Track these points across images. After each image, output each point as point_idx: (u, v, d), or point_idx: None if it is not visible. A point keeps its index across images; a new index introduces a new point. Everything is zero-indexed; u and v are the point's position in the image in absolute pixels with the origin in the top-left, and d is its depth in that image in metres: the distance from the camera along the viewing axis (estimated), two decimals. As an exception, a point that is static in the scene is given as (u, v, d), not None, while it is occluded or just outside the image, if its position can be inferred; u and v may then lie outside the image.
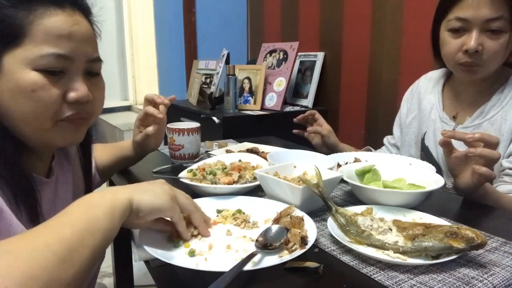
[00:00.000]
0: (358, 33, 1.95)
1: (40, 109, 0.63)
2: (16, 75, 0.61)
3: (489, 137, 0.80)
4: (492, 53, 0.96)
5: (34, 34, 0.61)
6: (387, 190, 0.80)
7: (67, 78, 0.65)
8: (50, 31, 0.62)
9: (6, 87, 0.61)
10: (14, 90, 0.61)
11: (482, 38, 0.95)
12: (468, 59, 0.98)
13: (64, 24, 0.63)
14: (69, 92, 0.65)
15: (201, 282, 0.51)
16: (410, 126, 1.22)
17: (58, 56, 0.62)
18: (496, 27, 0.94)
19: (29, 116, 0.63)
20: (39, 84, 0.62)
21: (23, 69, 0.61)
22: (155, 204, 0.60)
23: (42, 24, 0.61)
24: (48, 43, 0.62)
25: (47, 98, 0.63)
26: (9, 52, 0.61)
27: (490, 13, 0.93)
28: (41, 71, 0.62)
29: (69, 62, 0.64)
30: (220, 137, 1.84)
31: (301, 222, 0.67)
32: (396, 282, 0.55)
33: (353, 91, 2.02)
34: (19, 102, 0.62)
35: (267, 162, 1.00)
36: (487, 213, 0.85)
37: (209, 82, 2.48)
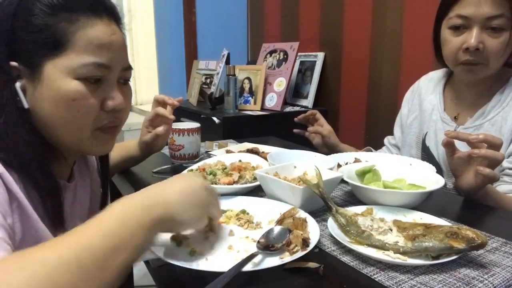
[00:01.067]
0: (358, 33, 1.95)
1: (80, 117, 0.64)
2: (57, 83, 0.61)
3: (493, 138, 0.80)
4: (493, 51, 0.96)
5: (76, 43, 0.62)
6: (388, 191, 0.80)
7: (105, 87, 0.66)
8: (91, 41, 0.63)
9: (47, 95, 0.62)
10: (55, 98, 0.62)
11: (483, 36, 0.95)
12: (469, 58, 0.98)
13: (104, 34, 0.64)
14: (107, 101, 0.66)
15: (201, 282, 0.50)
16: (411, 126, 1.22)
17: (98, 65, 0.63)
18: (496, 24, 0.93)
19: (68, 124, 0.64)
20: (80, 93, 0.62)
21: (65, 77, 0.62)
22: (186, 223, 0.57)
23: (84, 34, 0.62)
24: (90, 53, 0.62)
25: (87, 107, 0.64)
26: (50, 60, 0.61)
27: (491, 11, 0.93)
28: (82, 80, 0.63)
29: (107, 70, 0.65)
30: (220, 137, 1.84)
31: (304, 224, 0.67)
32: (396, 283, 0.55)
33: (353, 91, 2.02)
34: (59, 110, 0.62)
35: (267, 162, 1.00)
36: (488, 213, 0.85)
37: (209, 82, 2.48)
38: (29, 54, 0.61)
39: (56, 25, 0.61)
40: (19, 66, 0.61)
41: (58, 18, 0.61)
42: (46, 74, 0.61)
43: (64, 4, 0.62)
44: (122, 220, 0.48)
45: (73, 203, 0.75)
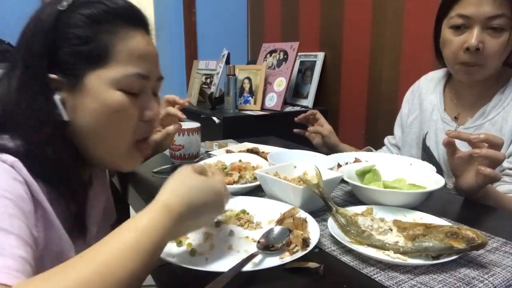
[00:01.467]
0: (358, 33, 1.94)
1: (121, 128, 0.64)
2: (101, 95, 0.61)
3: (494, 138, 0.80)
4: (492, 51, 0.95)
5: (118, 55, 0.62)
6: (388, 190, 0.80)
7: (143, 97, 0.67)
8: (132, 52, 0.63)
9: (90, 106, 0.62)
10: (98, 109, 0.62)
11: (483, 35, 0.95)
12: (469, 58, 0.97)
13: (143, 45, 0.65)
14: (146, 111, 0.67)
15: (201, 282, 0.50)
16: (411, 126, 1.22)
17: (140, 75, 0.64)
18: (497, 24, 0.93)
19: (108, 135, 0.64)
20: (123, 104, 0.63)
21: (108, 89, 0.62)
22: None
23: (125, 45, 0.63)
24: (131, 64, 0.63)
25: (128, 118, 0.65)
26: (93, 72, 0.61)
27: (492, 10, 0.93)
28: (124, 91, 0.63)
29: (146, 81, 0.66)
30: (220, 137, 1.84)
31: (304, 224, 0.67)
32: (396, 283, 0.55)
33: (353, 91, 2.02)
34: (102, 121, 0.63)
35: (267, 162, 1.00)
36: (488, 213, 0.85)
37: (209, 82, 2.48)
38: (71, 66, 0.61)
39: (98, 37, 0.61)
40: (58, 78, 0.61)
41: (99, 30, 0.61)
42: (88, 86, 0.61)
43: (104, 16, 0.62)
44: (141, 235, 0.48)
45: (89, 207, 0.74)
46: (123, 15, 0.64)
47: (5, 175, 0.52)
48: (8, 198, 0.50)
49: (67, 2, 0.62)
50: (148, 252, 0.47)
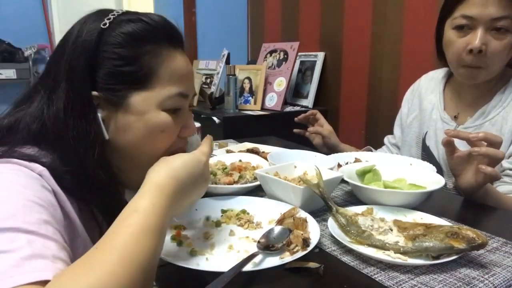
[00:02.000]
0: (358, 33, 1.94)
1: (162, 148, 0.64)
2: (146, 115, 0.61)
3: (493, 136, 0.80)
4: (495, 53, 0.95)
5: (162, 76, 0.62)
6: (388, 190, 0.80)
7: (181, 115, 0.67)
8: (175, 73, 0.63)
9: (134, 126, 0.61)
10: (142, 130, 0.62)
11: (487, 37, 0.94)
12: (472, 61, 0.96)
13: (183, 65, 0.66)
14: (184, 129, 0.68)
15: (202, 282, 0.50)
16: (411, 126, 1.22)
17: (181, 95, 0.64)
18: (502, 26, 0.92)
19: (146, 152, 0.63)
20: (168, 124, 0.63)
21: (154, 109, 0.62)
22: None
23: (168, 67, 0.63)
24: (174, 84, 0.63)
25: (171, 137, 0.65)
26: (137, 92, 0.61)
27: (496, 12, 0.92)
28: (167, 111, 0.63)
29: (185, 99, 0.66)
30: (220, 137, 1.84)
31: (304, 224, 0.67)
32: (396, 283, 0.55)
33: (354, 91, 2.02)
34: (145, 141, 0.62)
35: (267, 162, 1.00)
36: (488, 213, 0.85)
37: (209, 82, 2.48)
38: (114, 86, 0.60)
39: (142, 58, 0.61)
40: (100, 95, 0.60)
41: (143, 51, 0.61)
42: (133, 106, 0.61)
43: (147, 36, 0.62)
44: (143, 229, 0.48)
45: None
46: (163, 33, 0.64)
47: (35, 182, 0.52)
48: (41, 205, 0.50)
49: (108, 19, 0.61)
50: (157, 229, 0.49)
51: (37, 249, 0.45)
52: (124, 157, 0.63)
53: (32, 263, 0.43)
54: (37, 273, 0.42)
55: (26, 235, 0.45)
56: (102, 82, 0.60)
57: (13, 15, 2.74)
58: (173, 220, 0.70)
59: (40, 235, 0.46)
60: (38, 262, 0.43)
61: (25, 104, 0.62)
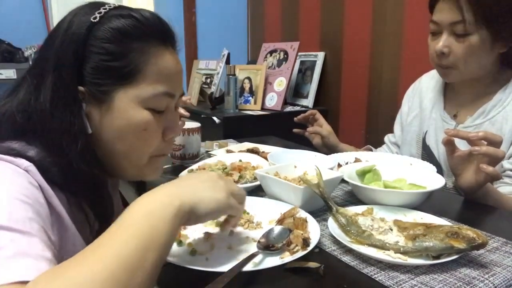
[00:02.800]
0: (358, 33, 1.94)
1: (146, 146, 0.64)
2: (128, 113, 0.61)
3: (493, 135, 0.80)
4: (459, 55, 0.98)
5: (148, 73, 0.62)
6: (388, 190, 0.80)
7: (166, 115, 0.66)
8: (162, 71, 0.63)
9: (116, 123, 0.61)
10: (124, 126, 0.62)
11: (450, 40, 0.99)
12: (439, 61, 1.02)
13: (172, 64, 0.65)
14: (168, 130, 0.67)
15: (202, 282, 0.50)
16: (411, 125, 1.22)
17: (167, 94, 0.64)
18: (459, 30, 0.96)
19: (131, 152, 0.64)
20: (150, 123, 0.63)
21: (136, 107, 0.62)
22: (212, 209, 0.55)
23: (155, 65, 0.62)
24: (160, 82, 0.63)
25: (153, 137, 0.65)
26: (122, 89, 0.61)
27: (451, 17, 0.96)
28: (151, 110, 0.63)
29: (171, 99, 0.66)
30: (220, 137, 1.84)
31: (305, 224, 0.67)
32: (397, 282, 0.55)
33: (354, 91, 2.02)
34: (127, 138, 0.62)
35: (267, 162, 1.00)
36: (488, 213, 0.85)
37: (209, 82, 2.48)
38: (99, 81, 0.60)
39: (129, 54, 0.61)
40: (85, 90, 0.60)
41: (131, 47, 0.61)
42: (116, 102, 0.61)
43: (136, 33, 0.62)
44: (145, 221, 0.47)
45: None
46: (155, 33, 0.64)
47: (21, 179, 0.52)
48: (26, 202, 0.50)
49: (99, 14, 0.61)
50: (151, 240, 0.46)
51: (21, 247, 0.44)
52: (111, 152, 0.64)
53: (16, 261, 0.43)
54: (19, 272, 0.41)
55: (10, 233, 0.45)
56: (88, 76, 0.60)
57: (13, 15, 2.74)
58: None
59: (24, 233, 0.46)
60: (22, 261, 0.43)
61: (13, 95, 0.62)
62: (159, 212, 0.48)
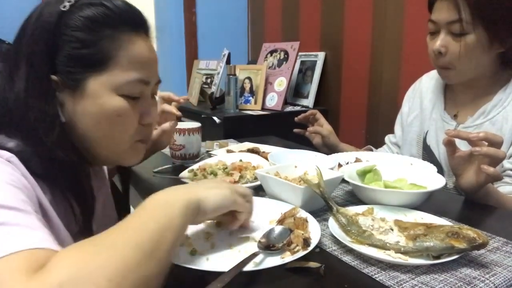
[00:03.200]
0: (359, 33, 1.94)
1: (121, 133, 0.65)
2: (102, 99, 0.62)
3: (494, 136, 0.80)
4: (455, 55, 0.98)
5: (120, 60, 0.62)
6: (388, 190, 0.80)
7: (142, 102, 0.67)
8: (134, 58, 0.64)
9: (90, 110, 0.62)
10: (98, 114, 0.62)
11: (447, 40, 0.99)
12: (437, 61, 1.03)
13: (144, 51, 0.66)
14: (145, 116, 0.68)
15: (202, 282, 0.50)
16: (412, 125, 1.22)
17: (140, 81, 0.65)
18: (456, 29, 0.97)
19: (108, 139, 0.65)
20: (124, 109, 0.63)
21: (109, 94, 0.62)
22: (218, 203, 0.59)
23: (127, 51, 0.63)
24: (133, 69, 0.63)
25: (128, 122, 0.65)
26: (94, 76, 0.61)
27: (448, 16, 0.97)
28: (125, 96, 0.63)
29: (146, 86, 0.66)
30: (221, 137, 1.84)
31: (305, 224, 0.67)
32: (397, 282, 0.55)
33: (354, 91, 2.02)
34: (101, 126, 0.63)
35: (268, 162, 1.00)
36: (489, 213, 0.85)
37: (209, 82, 2.48)
38: (71, 69, 0.61)
39: (100, 42, 0.61)
40: (58, 79, 0.61)
41: (102, 35, 0.61)
42: (89, 90, 0.61)
43: (106, 19, 0.62)
44: (164, 207, 0.51)
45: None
46: (125, 19, 0.64)
47: (5, 168, 0.53)
48: (16, 187, 0.51)
49: (69, 2, 0.61)
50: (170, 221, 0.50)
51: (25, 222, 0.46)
52: (88, 139, 0.64)
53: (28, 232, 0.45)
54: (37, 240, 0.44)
55: (11, 211, 0.46)
56: (61, 65, 0.61)
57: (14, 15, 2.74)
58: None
59: (23, 211, 0.47)
60: (33, 233, 0.45)
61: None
62: (174, 201, 0.53)
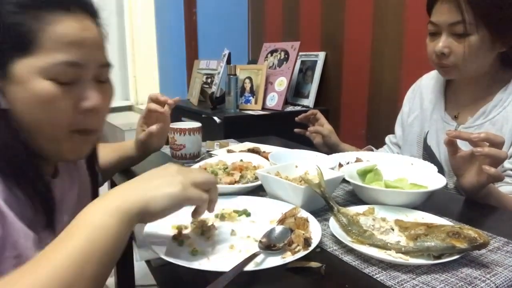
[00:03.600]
0: (359, 32, 1.94)
1: (55, 119, 0.61)
2: (29, 84, 0.59)
3: (495, 136, 0.80)
4: (459, 55, 0.98)
5: (45, 42, 0.59)
6: (389, 190, 0.80)
7: (79, 87, 0.62)
8: (61, 38, 0.59)
9: (19, 96, 0.59)
10: (27, 99, 0.59)
11: (450, 41, 0.99)
12: (439, 60, 1.03)
13: (74, 30, 0.60)
14: (82, 101, 0.63)
15: (203, 282, 0.50)
16: (412, 125, 1.22)
17: (70, 64, 0.60)
18: (458, 30, 0.97)
19: (43, 125, 0.61)
20: (52, 94, 0.60)
21: (36, 78, 0.59)
22: (166, 206, 0.54)
23: (52, 31, 0.59)
24: (60, 51, 0.59)
25: (61, 108, 0.61)
26: (20, 60, 0.59)
27: (451, 18, 0.97)
28: (54, 80, 0.60)
29: (81, 69, 0.62)
30: (221, 137, 1.84)
31: (306, 223, 0.67)
32: (398, 282, 0.55)
33: (354, 91, 2.02)
34: (33, 111, 0.60)
35: (268, 162, 1.00)
36: (490, 213, 0.85)
37: (210, 82, 2.48)
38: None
39: (23, 23, 0.58)
40: None
41: (26, 16, 0.58)
42: (17, 75, 0.58)
43: (31, 1, 0.59)
44: (86, 234, 0.48)
45: (61, 199, 0.72)
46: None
47: None
48: None
49: None
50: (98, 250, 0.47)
51: None
52: (28, 129, 0.61)
53: None
54: None
55: None
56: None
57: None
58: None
59: None
60: None
61: None
62: (103, 222, 0.49)
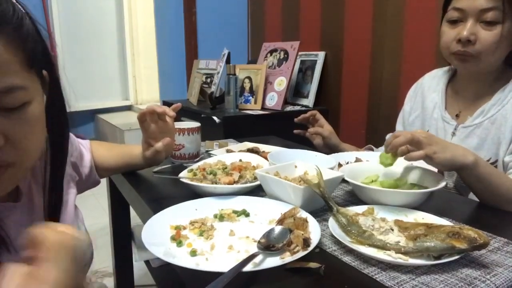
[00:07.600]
0: (359, 32, 1.94)
1: None
2: None
3: None
4: (486, 43, 0.96)
5: None
6: (389, 190, 0.79)
7: None
8: None
9: None
10: None
11: (477, 28, 0.97)
12: (460, 48, 0.99)
13: None
14: None
15: (201, 283, 0.50)
16: (413, 124, 1.22)
17: None
18: (490, 17, 0.95)
19: None
20: None
21: None
22: None
23: None
24: None
25: None
26: None
27: (485, 3, 0.95)
28: None
29: None
30: (220, 136, 1.84)
31: (305, 224, 0.67)
32: (398, 283, 0.55)
33: (354, 91, 2.02)
34: None
35: (267, 162, 1.00)
36: (490, 213, 0.85)
37: (209, 82, 2.48)
38: None
39: None
40: None
41: None
42: None
43: None
44: None
45: (26, 222, 0.65)
46: None
47: None
48: None
49: None
50: None
51: None
52: None
53: None
54: None
55: None
56: None
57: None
58: None
59: None
60: None
61: None
62: None
